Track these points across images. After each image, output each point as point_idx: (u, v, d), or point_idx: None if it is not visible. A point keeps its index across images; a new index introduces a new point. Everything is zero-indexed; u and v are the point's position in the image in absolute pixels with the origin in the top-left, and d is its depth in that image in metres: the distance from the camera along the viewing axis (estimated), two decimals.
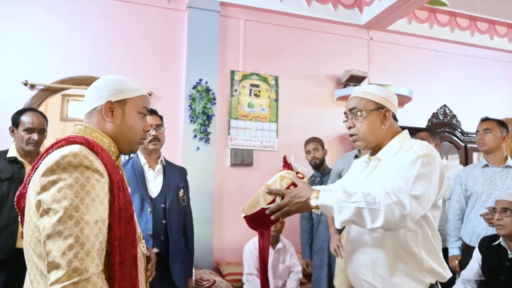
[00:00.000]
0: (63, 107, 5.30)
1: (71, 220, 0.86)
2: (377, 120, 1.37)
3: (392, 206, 1.15)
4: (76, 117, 5.73)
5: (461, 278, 2.16)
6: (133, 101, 1.11)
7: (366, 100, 1.38)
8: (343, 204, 1.19)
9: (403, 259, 1.28)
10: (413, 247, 1.27)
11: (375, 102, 1.37)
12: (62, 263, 0.84)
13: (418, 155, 1.25)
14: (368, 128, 1.36)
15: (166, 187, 2.17)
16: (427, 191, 1.21)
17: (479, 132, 2.48)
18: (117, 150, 1.12)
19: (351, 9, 3.99)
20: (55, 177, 0.89)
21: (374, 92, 1.40)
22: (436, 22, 4.37)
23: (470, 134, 3.76)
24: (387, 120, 1.37)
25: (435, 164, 1.26)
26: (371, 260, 1.32)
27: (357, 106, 1.39)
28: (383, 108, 1.37)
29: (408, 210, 1.15)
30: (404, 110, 4.15)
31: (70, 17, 3.12)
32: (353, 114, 1.39)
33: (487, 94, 4.59)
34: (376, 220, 1.16)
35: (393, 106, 1.40)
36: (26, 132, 2.14)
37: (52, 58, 3.03)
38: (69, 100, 5.33)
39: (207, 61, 3.39)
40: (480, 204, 2.42)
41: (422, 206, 1.20)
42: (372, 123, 1.36)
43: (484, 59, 4.63)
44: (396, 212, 1.15)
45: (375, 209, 1.16)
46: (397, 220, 1.15)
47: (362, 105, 1.38)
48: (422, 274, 1.28)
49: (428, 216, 1.29)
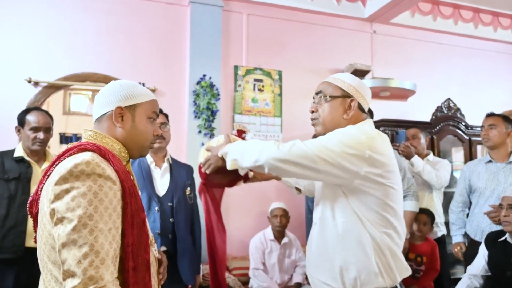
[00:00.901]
0: (66, 101, 5.27)
1: (85, 228, 0.87)
2: (340, 108, 1.34)
3: (275, 145, 1.27)
4: (78, 111, 5.72)
5: (468, 274, 2.18)
6: (142, 106, 1.11)
7: (333, 86, 1.37)
8: (238, 147, 1.36)
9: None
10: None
11: (342, 90, 1.35)
12: (78, 272, 0.85)
13: (342, 130, 1.30)
14: (329, 114, 1.35)
15: (173, 186, 2.18)
16: (333, 148, 1.21)
17: (484, 127, 2.48)
18: (128, 155, 1.12)
19: (354, 2, 3.95)
20: (68, 186, 0.89)
21: (345, 79, 1.37)
22: (440, 14, 4.34)
23: (474, 127, 3.75)
24: (352, 110, 1.34)
25: (361, 142, 1.23)
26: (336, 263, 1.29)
27: (324, 90, 1.38)
28: (349, 97, 1.35)
29: (287, 149, 1.23)
30: (408, 103, 4.15)
31: (73, 14, 3.10)
32: (318, 98, 1.38)
33: (490, 86, 4.57)
34: (257, 155, 1.27)
35: (362, 98, 1.37)
36: (32, 131, 2.14)
37: (56, 55, 3.02)
38: (71, 94, 5.31)
39: (211, 56, 3.37)
40: (483, 200, 2.44)
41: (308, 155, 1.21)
42: (334, 110, 1.35)
43: (488, 51, 4.61)
44: (274, 147, 1.25)
45: (261, 146, 1.28)
46: (273, 153, 1.24)
47: (328, 91, 1.36)
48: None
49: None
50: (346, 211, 1.27)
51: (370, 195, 1.25)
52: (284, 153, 1.23)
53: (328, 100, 1.35)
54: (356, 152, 1.21)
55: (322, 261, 1.34)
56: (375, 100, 4.02)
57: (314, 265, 1.38)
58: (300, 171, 1.23)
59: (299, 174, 1.26)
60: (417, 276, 2.57)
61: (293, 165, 1.22)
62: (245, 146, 1.34)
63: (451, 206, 2.69)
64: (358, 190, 1.25)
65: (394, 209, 1.27)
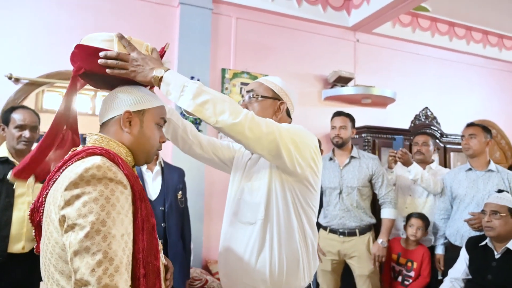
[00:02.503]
0: (38, 98, 5.08)
1: (99, 235, 0.83)
2: (269, 109, 1.38)
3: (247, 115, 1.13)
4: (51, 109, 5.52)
5: (449, 277, 2.28)
6: (151, 112, 1.09)
7: (265, 87, 1.40)
8: (202, 90, 1.10)
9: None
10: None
11: (273, 91, 1.40)
12: (92, 281, 0.81)
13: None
14: (260, 113, 1.35)
15: (165, 189, 2.15)
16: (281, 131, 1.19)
17: (465, 137, 2.60)
18: (133, 160, 1.10)
19: (339, 11, 4.05)
20: (79, 191, 0.86)
21: (276, 82, 1.42)
22: (418, 26, 4.52)
23: (449, 136, 3.94)
24: (280, 112, 1.39)
25: (307, 134, 1.28)
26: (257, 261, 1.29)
27: (256, 89, 1.40)
28: (279, 100, 1.39)
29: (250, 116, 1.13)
30: (387, 111, 4.29)
31: (58, 9, 2.98)
32: (250, 97, 1.40)
33: (463, 97, 4.81)
34: (225, 113, 1.10)
35: (289, 102, 1.42)
36: (17, 129, 2.05)
37: (39, 51, 2.89)
38: (44, 91, 5.11)
39: (199, 58, 3.35)
40: (464, 206, 2.55)
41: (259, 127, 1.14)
42: (264, 110, 1.37)
43: (461, 63, 4.85)
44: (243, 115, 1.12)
45: (232, 107, 1.11)
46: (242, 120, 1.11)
47: (260, 90, 1.39)
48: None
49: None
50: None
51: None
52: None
53: (259, 100, 1.38)
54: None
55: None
56: (357, 107, 4.14)
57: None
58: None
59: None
60: (406, 284, 2.55)
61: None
62: (214, 96, 1.11)
63: (434, 214, 2.76)
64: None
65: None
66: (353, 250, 2.60)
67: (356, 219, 2.59)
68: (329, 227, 2.67)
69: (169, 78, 1.09)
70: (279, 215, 1.29)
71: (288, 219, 1.29)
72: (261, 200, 1.30)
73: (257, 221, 1.30)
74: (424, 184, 2.70)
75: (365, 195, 2.67)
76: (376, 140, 3.55)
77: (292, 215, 1.29)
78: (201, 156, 1.51)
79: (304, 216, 1.30)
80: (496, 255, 2.07)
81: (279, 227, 1.28)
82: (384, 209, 2.65)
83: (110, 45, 1.08)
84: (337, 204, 2.63)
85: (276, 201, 1.29)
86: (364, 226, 2.61)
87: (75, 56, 1.08)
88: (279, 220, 1.29)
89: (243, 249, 1.32)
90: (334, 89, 3.90)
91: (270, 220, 1.29)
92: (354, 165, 2.68)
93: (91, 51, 1.05)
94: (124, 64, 1.06)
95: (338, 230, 2.62)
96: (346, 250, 2.62)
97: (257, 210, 1.30)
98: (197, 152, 1.49)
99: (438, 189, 2.72)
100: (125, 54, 1.07)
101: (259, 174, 1.33)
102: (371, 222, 2.66)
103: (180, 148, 1.50)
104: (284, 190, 1.29)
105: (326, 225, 2.68)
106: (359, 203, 2.62)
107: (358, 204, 2.61)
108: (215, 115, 1.09)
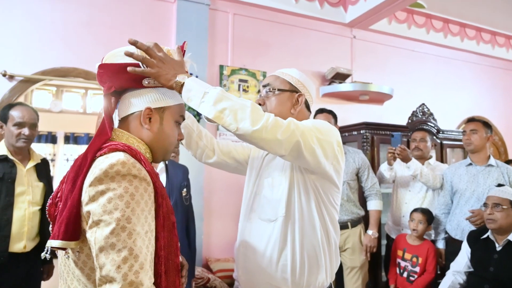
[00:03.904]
0: (27, 96, 5.00)
1: (124, 232, 0.83)
2: (288, 103, 1.33)
3: (271, 118, 1.09)
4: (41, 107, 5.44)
5: (451, 270, 2.30)
6: (171, 109, 1.08)
7: (282, 80, 1.35)
8: (224, 96, 1.06)
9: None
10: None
11: (290, 84, 1.35)
12: (117, 277, 0.81)
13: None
14: (277, 107, 1.32)
15: (169, 187, 2.13)
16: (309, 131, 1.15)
17: (466, 132, 2.62)
18: (151, 157, 1.09)
19: (336, 7, 4.05)
20: (103, 187, 0.85)
21: (293, 74, 1.37)
22: (414, 23, 4.55)
23: (446, 132, 3.97)
24: (299, 105, 1.34)
25: (332, 130, 1.24)
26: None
27: (272, 83, 1.35)
28: (297, 92, 1.34)
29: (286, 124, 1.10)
30: (385, 107, 4.31)
31: (52, 4, 2.92)
32: (266, 91, 1.35)
33: (457, 93, 4.86)
34: (247, 120, 1.06)
35: (308, 94, 1.37)
36: (16, 127, 2.01)
37: (33, 47, 2.83)
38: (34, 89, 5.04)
39: (196, 55, 3.28)
40: (464, 201, 2.58)
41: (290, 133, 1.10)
42: (282, 103, 1.32)
43: (456, 60, 4.90)
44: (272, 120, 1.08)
45: (255, 111, 1.07)
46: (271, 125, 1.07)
47: (277, 84, 1.35)
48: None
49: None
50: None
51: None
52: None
53: (276, 94, 1.33)
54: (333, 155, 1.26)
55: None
56: (355, 104, 4.15)
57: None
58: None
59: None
60: (412, 280, 2.56)
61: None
62: (235, 102, 1.08)
63: (435, 210, 2.78)
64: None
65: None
66: (346, 243, 2.65)
67: (348, 212, 2.65)
68: None
69: (190, 84, 1.06)
70: (301, 212, 1.24)
71: (310, 217, 1.25)
72: (282, 196, 1.25)
73: (278, 218, 1.25)
74: (424, 179, 2.72)
75: (354, 188, 2.74)
76: (375, 136, 3.56)
77: (314, 212, 1.25)
78: (215, 161, 1.47)
79: (326, 214, 1.26)
80: (498, 248, 2.10)
81: (301, 224, 1.24)
82: (370, 201, 2.75)
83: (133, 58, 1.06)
84: None
85: (298, 197, 1.25)
86: (355, 219, 2.67)
87: (101, 76, 1.05)
88: (301, 217, 1.24)
89: (263, 247, 1.27)
90: (332, 86, 3.90)
91: (291, 217, 1.25)
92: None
93: (116, 68, 1.03)
94: (151, 61, 1.03)
95: None
96: (339, 243, 2.65)
97: (278, 206, 1.26)
98: (210, 157, 1.46)
99: (438, 184, 2.75)
100: (153, 51, 1.04)
101: (279, 169, 1.30)
102: (360, 214, 2.72)
103: (193, 154, 1.46)
104: (306, 186, 1.25)
105: None
106: (349, 197, 2.68)
107: (348, 198, 2.67)
108: (236, 122, 1.06)
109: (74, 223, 0.87)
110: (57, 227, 0.90)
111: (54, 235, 0.88)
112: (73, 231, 0.87)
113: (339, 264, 1.37)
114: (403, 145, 2.71)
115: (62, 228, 0.87)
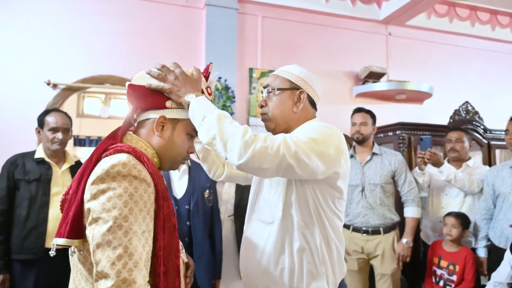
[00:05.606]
0: (79, 103, 5.37)
1: (120, 230, 0.86)
2: (289, 101, 1.28)
3: (262, 140, 1.05)
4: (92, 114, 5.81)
5: (493, 281, 2.12)
6: (185, 122, 1.12)
7: (281, 79, 1.30)
8: (214, 117, 1.04)
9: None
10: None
11: (290, 82, 1.29)
12: (111, 274, 0.84)
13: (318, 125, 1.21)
14: (278, 108, 1.27)
15: (191, 188, 2.16)
16: (310, 146, 1.10)
17: (509, 131, 2.42)
18: (159, 162, 1.11)
19: (369, 4, 3.92)
20: (104, 186, 0.89)
21: (292, 71, 1.31)
22: (456, 16, 4.29)
23: (493, 131, 3.68)
24: (301, 103, 1.28)
25: (332, 135, 1.18)
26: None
27: (271, 83, 1.31)
28: (298, 89, 1.29)
29: (280, 148, 1.05)
30: (424, 106, 4.10)
31: (91, 16, 3.12)
32: (266, 92, 1.31)
33: (507, 90, 4.49)
34: (235, 150, 1.03)
35: (311, 90, 1.31)
36: (51, 131, 2.16)
37: (74, 57, 3.04)
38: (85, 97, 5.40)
39: (226, 58, 3.37)
40: (507, 205, 2.37)
41: (295, 155, 1.06)
42: (283, 103, 1.28)
43: (506, 53, 4.54)
44: (261, 143, 1.03)
45: (244, 140, 1.02)
46: (261, 153, 1.03)
47: (276, 83, 1.30)
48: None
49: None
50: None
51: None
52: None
53: (276, 94, 1.29)
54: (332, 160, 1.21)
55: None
56: (391, 103, 3.98)
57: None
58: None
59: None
60: None
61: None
62: (227, 130, 1.06)
63: (475, 215, 2.58)
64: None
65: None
66: (377, 249, 2.54)
67: (380, 216, 2.54)
68: (352, 226, 2.60)
69: (194, 106, 1.06)
70: (299, 218, 1.20)
71: (308, 223, 1.20)
72: (279, 198, 1.22)
73: (275, 221, 1.22)
74: (459, 185, 2.54)
75: (389, 192, 2.61)
76: (412, 137, 3.39)
77: (313, 218, 1.20)
78: (226, 176, 1.49)
79: (326, 221, 1.21)
80: None
81: (299, 230, 1.20)
82: (407, 207, 2.59)
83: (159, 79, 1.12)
84: (360, 202, 2.58)
85: (295, 202, 1.21)
86: (388, 224, 2.55)
87: (130, 96, 1.12)
88: (299, 222, 1.20)
89: (261, 250, 1.25)
90: (366, 85, 3.78)
91: (288, 220, 1.21)
92: (376, 161, 2.63)
93: (142, 91, 1.09)
94: (165, 77, 1.07)
95: (361, 228, 2.57)
96: (369, 249, 2.56)
97: (275, 209, 1.23)
98: (221, 173, 1.48)
99: (475, 189, 2.56)
100: (168, 68, 1.10)
101: None
102: (394, 220, 2.59)
103: (207, 169, 1.49)
104: (305, 192, 1.21)
105: (349, 223, 2.62)
106: (382, 200, 2.56)
107: (382, 201, 2.56)
108: (225, 152, 1.05)
109: (78, 221, 0.92)
110: (63, 225, 0.96)
111: (60, 233, 0.93)
112: (77, 229, 0.92)
113: (345, 272, 1.31)
114: (433, 149, 2.54)
115: (68, 226, 0.92)
